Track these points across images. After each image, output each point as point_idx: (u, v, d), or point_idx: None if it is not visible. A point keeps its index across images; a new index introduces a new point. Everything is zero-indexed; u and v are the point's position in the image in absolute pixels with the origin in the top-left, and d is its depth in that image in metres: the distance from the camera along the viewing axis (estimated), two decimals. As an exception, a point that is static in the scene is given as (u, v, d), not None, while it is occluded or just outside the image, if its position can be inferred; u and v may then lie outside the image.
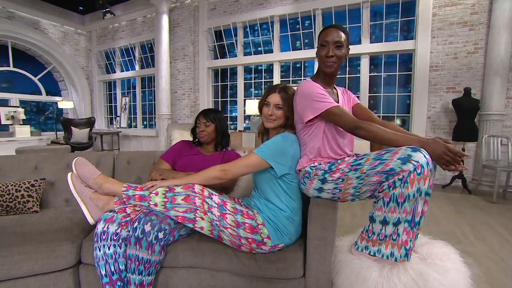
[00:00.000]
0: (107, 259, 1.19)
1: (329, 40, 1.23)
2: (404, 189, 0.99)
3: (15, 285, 1.25)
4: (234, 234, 1.19)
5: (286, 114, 1.34)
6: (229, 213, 1.21)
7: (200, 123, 1.69)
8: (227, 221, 1.19)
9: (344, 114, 1.16)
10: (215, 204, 1.21)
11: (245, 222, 1.21)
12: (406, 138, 1.07)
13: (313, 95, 1.20)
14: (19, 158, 1.82)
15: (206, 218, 1.19)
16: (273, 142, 1.26)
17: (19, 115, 5.85)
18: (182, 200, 1.20)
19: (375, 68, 4.61)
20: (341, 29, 1.25)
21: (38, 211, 1.61)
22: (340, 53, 1.23)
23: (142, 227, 1.16)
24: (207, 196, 1.22)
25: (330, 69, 1.26)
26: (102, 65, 7.29)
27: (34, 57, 6.57)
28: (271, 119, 1.34)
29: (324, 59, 1.25)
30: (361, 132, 1.12)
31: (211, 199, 1.22)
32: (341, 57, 1.25)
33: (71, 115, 6.99)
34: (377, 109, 4.57)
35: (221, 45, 5.73)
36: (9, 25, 5.72)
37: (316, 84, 1.24)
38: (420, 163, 0.98)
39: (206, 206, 1.19)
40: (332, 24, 1.28)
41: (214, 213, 1.19)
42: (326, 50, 1.24)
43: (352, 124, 1.14)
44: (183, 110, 6.09)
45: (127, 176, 1.89)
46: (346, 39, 1.25)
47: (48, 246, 1.27)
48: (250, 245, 1.21)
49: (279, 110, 1.32)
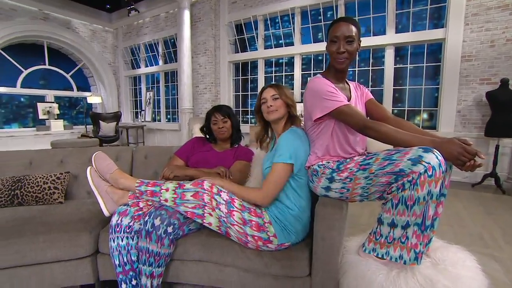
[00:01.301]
0: (121, 250, 1.25)
1: (339, 35, 1.18)
2: (413, 191, 0.94)
3: (42, 269, 1.35)
4: (241, 231, 1.21)
5: (285, 103, 1.34)
6: (236, 211, 1.22)
7: (218, 120, 1.69)
8: (234, 218, 1.20)
9: (353, 113, 1.12)
10: (223, 201, 1.22)
11: (251, 220, 1.22)
12: (419, 139, 1.01)
13: (323, 92, 1.16)
14: (47, 153, 1.95)
15: (214, 214, 1.21)
16: (285, 142, 1.25)
17: (54, 110, 6.25)
18: (191, 197, 1.22)
19: (400, 59, 4.39)
20: (351, 22, 1.19)
21: (63, 202, 1.73)
22: (351, 48, 1.18)
23: (152, 221, 1.21)
24: (216, 193, 1.24)
25: (341, 65, 1.22)
26: (127, 61, 7.56)
27: (66, 55, 6.95)
28: (272, 110, 1.34)
29: (335, 55, 1.20)
30: (371, 132, 1.08)
31: (219, 196, 1.23)
32: (353, 52, 1.20)
33: (99, 110, 7.35)
34: (402, 102, 4.36)
35: (241, 38, 5.71)
36: (45, 26, 6.08)
37: (325, 81, 1.20)
38: (432, 165, 0.92)
39: (214, 203, 1.21)
40: (342, 17, 1.22)
41: (221, 209, 1.21)
42: (336, 45, 1.19)
43: (362, 124, 1.10)
44: (205, 104, 6.18)
45: (144, 170, 1.96)
46: (357, 33, 1.20)
47: (69, 235, 1.36)
48: (257, 243, 1.22)
49: (277, 99, 1.34)
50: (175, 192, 1.25)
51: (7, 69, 5.94)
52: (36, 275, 1.35)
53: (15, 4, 5.62)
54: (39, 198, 1.68)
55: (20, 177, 1.73)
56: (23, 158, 1.88)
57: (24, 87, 6.18)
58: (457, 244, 1.16)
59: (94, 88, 7.56)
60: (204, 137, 1.83)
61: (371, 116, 1.34)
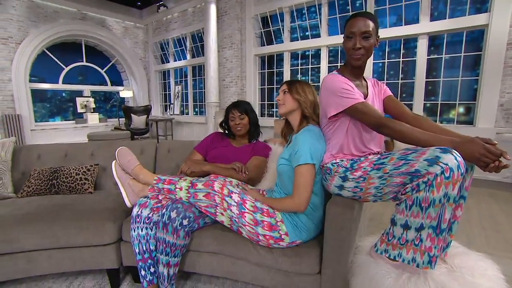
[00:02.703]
0: (140, 239, 1.33)
1: (355, 31, 1.14)
2: (429, 193, 0.89)
3: (73, 252, 1.49)
4: (252, 231, 1.23)
5: (295, 99, 1.33)
6: (248, 212, 1.24)
7: (235, 116, 1.71)
8: (245, 219, 1.23)
9: (369, 110, 1.09)
10: (234, 203, 1.26)
11: (264, 220, 1.23)
12: (437, 138, 0.96)
13: (337, 90, 1.13)
14: (80, 146, 2.10)
15: (225, 214, 1.25)
16: (302, 142, 1.22)
17: (90, 104, 6.68)
18: (203, 197, 1.27)
19: (435, 49, 4.10)
20: (368, 17, 1.15)
21: (92, 192, 1.86)
22: (368, 44, 1.14)
23: (168, 214, 1.27)
24: (227, 194, 1.27)
25: (358, 62, 1.19)
26: (157, 56, 7.82)
27: (101, 51, 7.35)
28: (279, 104, 1.38)
29: (352, 52, 1.17)
30: (386, 130, 1.05)
31: (230, 198, 1.26)
32: (369, 48, 1.16)
33: (131, 103, 7.72)
34: (436, 95, 4.09)
35: (267, 31, 5.66)
36: (83, 25, 6.48)
37: (340, 78, 1.17)
38: (449, 166, 0.87)
39: (225, 204, 1.25)
40: (359, 12, 1.18)
41: (233, 211, 1.24)
42: (353, 42, 1.15)
43: (377, 122, 1.06)
44: (231, 97, 6.25)
45: (167, 163, 2.04)
46: (374, 28, 1.15)
47: (97, 223, 1.47)
48: (268, 241, 1.23)
49: (286, 94, 1.35)
50: (188, 192, 1.30)
51: (51, 67, 6.43)
52: (69, 258, 1.48)
53: (57, 7, 6.04)
54: (72, 188, 1.83)
55: (56, 168, 1.89)
56: (59, 151, 2.05)
57: (65, 83, 6.66)
58: (489, 250, 1.09)
59: (126, 82, 7.94)
60: (223, 132, 1.86)
61: (390, 113, 1.30)
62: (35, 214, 1.51)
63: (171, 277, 1.32)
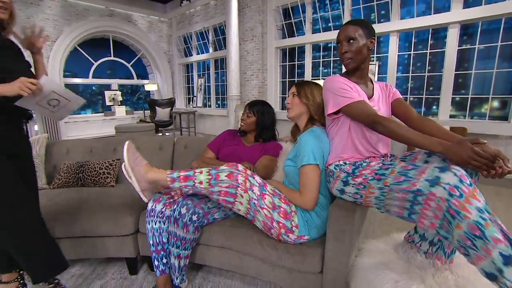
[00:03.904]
0: (154, 232, 1.42)
1: (341, 38, 1.22)
2: (464, 221, 0.81)
3: (96, 241, 1.61)
4: (269, 216, 1.25)
5: (303, 103, 1.35)
6: (268, 194, 1.27)
7: (244, 113, 1.79)
8: (265, 202, 1.25)
9: (363, 108, 1.11)
10: (256, 183, 1.27)
11: (281, 206, 1.27)
12: (427, 140, 0.97)
13: (335, 89, 1.18)
14: (104, 141, 2.25)
15: (245, 196, 1.23)
16: (305, 143, 1.26)
17: (118, 97, 7.00)
18: (225, 177, 1.24)
19: (468, 38, 3.84)
20: (354, 23, 1.21)
21: (114, 186, 2.00)
22: (353, 48, 1.19)
23: (179, 210, 1.34)
24: (250, 175, 1.28)
25: (348, 66, 1.24)
26: (181, 49, 7.98)
27: (128, 46, 7.63)
28: (288, 107, 1.39)
29: (341, 56, 1.23)
30: (380, 128, 1.06)
31: (253, 178, 1.28)
32: (357, 51, 1.19)
33: (156, 96, 7.99)
34: (466, 89, 3.84)
35: (289, 23, 5.58)
36: (110, 21, 6.76)
37: (340, 79, 1.21)
38: (452, 185, 0.83)
39: (248, 184, 1.24)
40: (347, 21, 1.24)
41: (254, 191, 1.25)
42: (340, 47, 1.23)
43: (371, 119, 1.08)
44: (252, 90, 6.27)
45: (184, 160, 2.13)
46: (362, 32, 1.19)
47: (117, 215, 1.59)
48: (280, 230, 1.26)
49: (294, 97, 1.37)
50: (209, 173, 1.27)
51: (82, 62, 6.81)
52: (92, 246, 1.62)
53: (87, 4, 6.36)
54: (96, 181, 1.97)
55: (83, 163, 2.04)
56: (85, 146, 2.21)
57: (95, 77, 7.03)
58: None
59: (151, 75, 8.21)
60: (237, 130, 1.91)
61: (397, 116, 1.30)
62: (65, 205, 1.67)
63: (182, 268, 1.41)
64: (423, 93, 4.13)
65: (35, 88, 1.09)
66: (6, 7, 1.16)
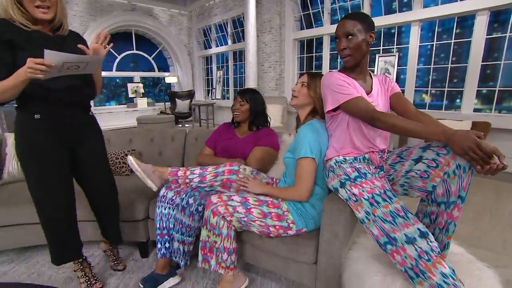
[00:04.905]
0: (162, 217, 1.51)
1: (339, 33, 1.19)
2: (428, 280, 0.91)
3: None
4: (263, 225, 1.28)
5: (311, 96, 1.35)
6: (254, 207, 1.29)
7: (236, 102, 1.81)
8: (253, 215, 1.28)
9: (362, 105, 1.11)
10: (237, 204, 1.29)
11: (271, 212, 1.29)
12: (429, 130, 0.96)
13: (333, 86, 1.17)
14: (120, 133, 2.38)
15: (234, 219, 1.28)
16: (303, 136, 1.27)
17: (140, 89, 7.25)
18: (211, 215, 1.29)
19: (499, 26, 3.59)
20: (350, 17, 1.18)
21: (129, 175, 2.12)
22: (351, 43, 1.17)
23: (187, 199, 1.43)
24: (227, 200, 1.30)
25: (347, 63, 1.22)
26: (200, 42, 8.08)
27: (149, 39, 7.84)
28: (293, 95, 1.40)
29: (340, 53, 1.21)
30: (379, 123, 1.06)
31: (232, 201, 1.30)
32: (356, 47, 1.17)
33: (176, 88, 8.18)
34: (495, 80, 3.61)
35: (307, 14, 5.48)
36: (133, 16, 6.98)
37: (337, 75, 1.20)
38: (424, 250, 0.92)
39: (230, 209, 1.27)
40: (346, 15, 1.20)
41: (239, 211, 1.27)
42: (338, 43, 1.21)
43: (369, 116, 1.08)
44: (269, 83, 6.27)
45: (195, 151, 2.20)
46: (361, 27, 1.17)
47: (131, 202, 1.70)
48: (278, 232, 1.29)
49: (303, 87, 1.37)
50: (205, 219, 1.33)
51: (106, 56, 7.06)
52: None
53: (111, 0, 6.61)
54: (113, 170, 2.08)
55: (101, 152, 2.17)
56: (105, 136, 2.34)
57: (118, 70, 7.32)
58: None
59: (172, 68, 8.40)
60: (231, 121, 1.94)
61: (395, 110, 1.29)
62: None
63: (186, 253, 1.50)
64: (445, 86, 3.94)
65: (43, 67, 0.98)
66: (48, 5, 1.14)
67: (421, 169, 1.03)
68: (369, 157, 1.21)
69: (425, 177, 1.03)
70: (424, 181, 1.04)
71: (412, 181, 1.08)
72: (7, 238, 1.68)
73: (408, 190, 1.12)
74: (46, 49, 0.98)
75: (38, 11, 1.12)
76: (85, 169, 1.44)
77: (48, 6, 1.15)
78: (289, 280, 1.54)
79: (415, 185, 1.08)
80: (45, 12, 1.14)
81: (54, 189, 1.28)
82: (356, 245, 1.15)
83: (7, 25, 1.13)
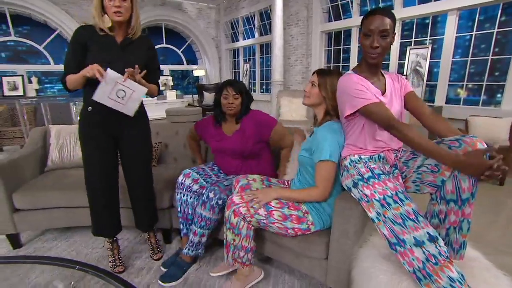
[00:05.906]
0: (182, 202, 1.66)
1: (373, 29, 1.12)
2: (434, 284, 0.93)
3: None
4: (281, 227, 1.31)
5: (322, 96, 1.34)
6: (275, 209, 1.31)
7: (229, 95, 1.66)
8: (274, 217, 1.30)
9: (380, 111, 1.10)
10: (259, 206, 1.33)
11: (291, 214, 1.31)
12: (441, 152, 0.99)
13: (351, 90, 1.16)
14: (149, 125, 2.52)
15: (254, 221, 1.33)
16: (322, 139, 1.28)
17: (169, 82, 7.52)
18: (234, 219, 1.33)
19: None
20: (386, 14, 1.11)
21: (156, 165, 2.26)
22: (385, 43, 1.13)
23: (207, 194, 1.52)
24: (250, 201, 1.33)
25: (374, 60, 1.18)
26: (228, 35, 8.16)
27: (178, 33, 8.06)
28: (305, 95, 1.41)
29: (369, 50, 1.15)
30: (395, 133, 1.07)
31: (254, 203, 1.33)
32: (386, 47, 1.14)
33: (204, 81, 8.37)
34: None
35: (335, 6, 5.32)
36: (163, 10, 7.22)
37: (355, 79, 1.18)
38: (431, 253, 0.94)
39: (252, 211, 1.31)
40: (377, 9, 1.14)
41: (260, 213, 1.31)
42: (370, 40, 1.14)
43: (387, 123, 1.09)
44: (295, 76, 6.22)
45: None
46: (392, 25, 1.12)
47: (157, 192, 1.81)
48: (296, 233, 1.33)
49: (314, 87, 1.37)
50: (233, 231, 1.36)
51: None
52: (136, 216, 1.89)
53: (142, -4, 6.86)
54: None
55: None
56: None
57: (150, 64, 7.59)
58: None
59: (200, 61, 8.59)
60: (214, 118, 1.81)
61: (409, 110, 1.27)
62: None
63: (202, 244, 1.61)
64: (484, 79, 3.68)
65: (102, 74, 1.27)
66: (121, 11, 1.34)
67: (432, 163, 1.06)
68: (385, 155, 1.21)
69: (436, 171, 1.05)
70: (434, 175, 1.05)
71: (424, 176, 1.10)
72: (51, 219, 1.88)
73: (420, 185, 1.13)
74: (104, 51, 1.38)
75: (114, 15, 1.35)
76: (124, 160, 1.61)
77: (121, 11, 1.35)
78: (302, 273, 1.60)
79: (426, 179, 1.09)
80: (119, 16, 1.35)
81: (94, 172, 1.51)
82: (368, 243, 1.17)
83: (88, 30, 1.40)
